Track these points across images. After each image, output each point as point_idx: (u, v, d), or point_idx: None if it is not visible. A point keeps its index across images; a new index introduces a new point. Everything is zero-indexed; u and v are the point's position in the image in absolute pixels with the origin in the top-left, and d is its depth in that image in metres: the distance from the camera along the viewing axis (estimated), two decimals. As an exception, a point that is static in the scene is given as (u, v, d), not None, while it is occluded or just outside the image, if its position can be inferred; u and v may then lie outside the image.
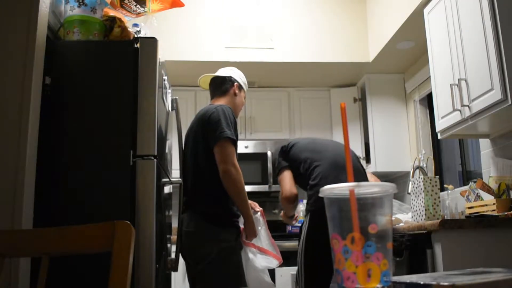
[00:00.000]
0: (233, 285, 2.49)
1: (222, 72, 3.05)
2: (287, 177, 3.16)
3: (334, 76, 5.07)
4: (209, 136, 2.68)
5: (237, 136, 2.73)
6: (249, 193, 3.32)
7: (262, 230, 2.87)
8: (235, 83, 3.01)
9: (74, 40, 2.46)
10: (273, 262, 2.80)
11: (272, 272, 3.78)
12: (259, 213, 2.94)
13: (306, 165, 3.08)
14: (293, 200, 3.10)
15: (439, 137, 3.25)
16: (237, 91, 3.01)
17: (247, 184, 3.37)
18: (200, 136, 2.73)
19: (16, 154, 2.02)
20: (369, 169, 4.87)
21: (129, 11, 2.73)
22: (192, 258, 2.66)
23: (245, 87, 3.09)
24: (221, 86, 3.00)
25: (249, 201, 2.81)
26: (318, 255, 2.70)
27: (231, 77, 3.01)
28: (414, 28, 3.83)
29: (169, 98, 2.97)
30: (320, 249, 2.46)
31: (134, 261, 2.01)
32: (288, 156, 3.24)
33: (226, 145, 2.64)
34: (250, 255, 2.71)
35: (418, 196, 3.15)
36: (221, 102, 2.91)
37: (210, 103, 2.98)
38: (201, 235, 2.63)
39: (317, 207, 2.89)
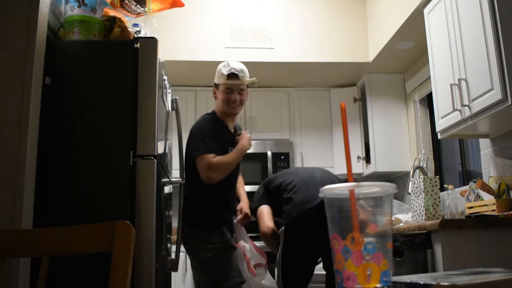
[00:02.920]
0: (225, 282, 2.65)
1: None
2: (264, 212, 3.14)
3: (334, 76, 5.07)
4: (189, 152, 2.86)
5: (218, 139, 2.83)
6: (248, 193, 3.33)
7: (246, 241, 2.95)
8: (213, 88, 3.01)
9: (74, 40, 2.46)
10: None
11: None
12: (236, 221, 2.98)
13: (282, 187, 3.10)
14: (271, 235, 3.05)
15: (439, 137, 3.25)
16: (216, 94, 2.99)
17: (247, 184, 3.38)
18: (186, 151, 2.91)
19: (16, 154, 2.02)
20: (369, 169, 4.87)
21: (129, 11, 2.73)
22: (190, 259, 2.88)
23: (219, 79, 2.96)
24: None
25: (239, 207, 3.04)
26: (295, 267, 2.87)
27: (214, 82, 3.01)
28: (414, 28, 3.82)
29: (169, 98, 2.97)
30: (297, 263, 2.88)
31: (134, 261, 2.00)
32: (270, 188, 3.22)
33: (202, 160, 2.74)
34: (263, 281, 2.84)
35: (418, 196, 3.15)
36: (215, 108, 2.99)
37: None
38: (191, 239, 2.80)
39: (290, 220, 2.92)
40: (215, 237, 2.76)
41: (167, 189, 2.86)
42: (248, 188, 3.45)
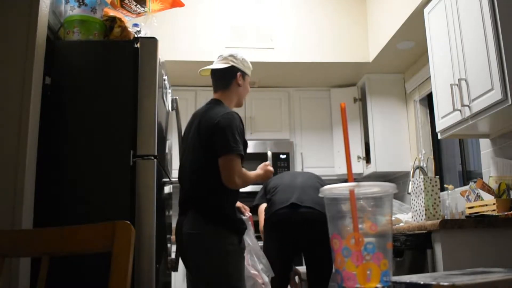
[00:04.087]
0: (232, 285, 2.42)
1: (222, 61, 2.80)
2: (262, 211, 3.52)
3: (334, 76, 5.07)
4: (217, 145, 2.50)
5: (246, 143, 2.61)
6: (249, 192, 3.35)
7: (251, 234, 2.87)
8: (238, 73, 2.77)
9: (74, 40, 2.46)
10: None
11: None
12: (247, 217, 2.94)
13: (270, 188, 3.50)
14: None
15: (439, 137, 3.25)
16: (240, 82, 2.78)
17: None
18: (204, 141, 2.54)
19: (16, 154, 2.02)
20: (369, 169, 4.87)
21: (129, 11, 2.73)
22: (195, 260, 2.48)
23: (249, 71, 2.85)
24: (223, 79, 2.78)
25: (240, 204, 2.90)
26: (272, 260, 2.99)
27: (233, 66, 2.76)
28: (414, 28, 3.83)
29: (169, 98, 2.97)
30: (273, 257, 3.06)
31: (134, 261, 2.01)
32: (266, 188, 3.60)
33: (233, 160, 2.48)
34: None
35: (418, 196, 3.15)
36: (225, 96, 2.74)
37: (213, 96, 2.79)
38: (206, 237, 2.46)
39: (266, 219, 3.36)
40: (235, 239, 2.52)
41: (167, 189, 2.86)
42: (248, 188, 3.45)
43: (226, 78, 2.77)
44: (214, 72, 2.80)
